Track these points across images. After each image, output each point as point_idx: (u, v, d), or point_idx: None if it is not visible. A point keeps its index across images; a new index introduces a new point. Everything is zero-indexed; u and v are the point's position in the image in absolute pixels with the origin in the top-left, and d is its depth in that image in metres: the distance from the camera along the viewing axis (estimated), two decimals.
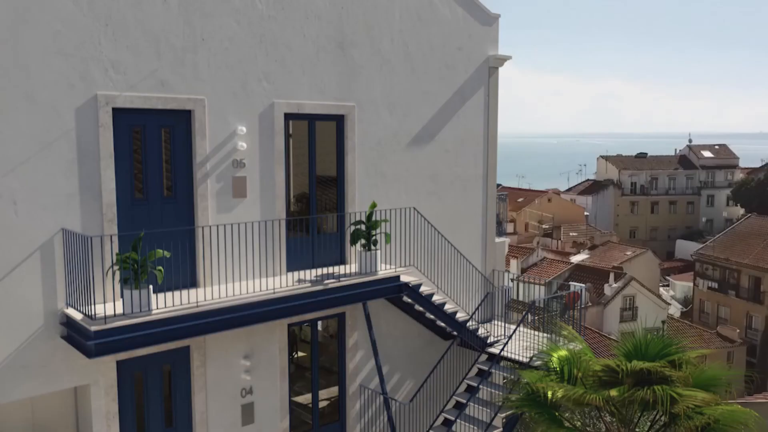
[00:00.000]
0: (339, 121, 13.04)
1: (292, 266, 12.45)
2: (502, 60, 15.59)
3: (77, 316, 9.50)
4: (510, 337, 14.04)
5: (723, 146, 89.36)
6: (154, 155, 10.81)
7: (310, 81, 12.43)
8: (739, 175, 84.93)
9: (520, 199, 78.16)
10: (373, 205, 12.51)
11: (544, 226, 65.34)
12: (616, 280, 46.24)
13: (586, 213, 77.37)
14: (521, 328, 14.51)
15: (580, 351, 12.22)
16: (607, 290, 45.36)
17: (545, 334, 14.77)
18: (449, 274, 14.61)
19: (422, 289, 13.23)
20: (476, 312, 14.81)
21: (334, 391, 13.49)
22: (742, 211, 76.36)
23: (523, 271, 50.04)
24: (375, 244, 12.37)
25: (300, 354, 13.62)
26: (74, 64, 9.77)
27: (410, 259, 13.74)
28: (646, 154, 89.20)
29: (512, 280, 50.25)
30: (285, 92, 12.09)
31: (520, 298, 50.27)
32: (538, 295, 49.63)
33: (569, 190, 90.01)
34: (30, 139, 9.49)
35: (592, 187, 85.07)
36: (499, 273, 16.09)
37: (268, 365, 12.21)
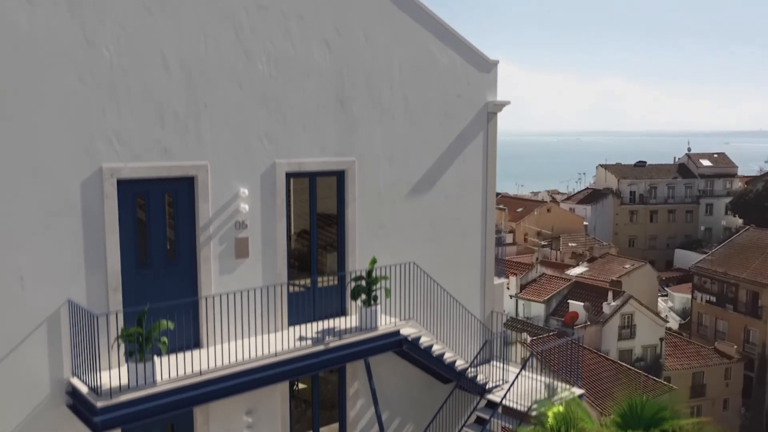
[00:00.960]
0: (339, 175, 13.20)
1: (293, 320, 12.59)
2: (501, 105, 15.75)
3: (83, 388, 9.66)
4: (508, 390, 14.19)
5: (722, 155, 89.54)
6: (157, 221, 10.98)
7: (310, 138, 12.60)
8: (737, 184, 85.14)
9: (519, 209, 78.35)
10: (373, 261, 12.67)
11: (542, 243, 65.45)
12: (614, 298, 46.37)
13: (585, 223, 77.51)
14: (518, 369, 14.68)
15: (576, 406, 12.37)
16: (606, 309, 45.52)
17: (544, 378, 14.93)
18: (448, 321, 14.76)
19: (422, 340, 13.38)
20: (475, 359, 14.95)
21: None
22: (741, 221, 76.56)
23: (522, 287, 50.24)
24: (375, 300, 12.53)
25: (300, 386, 13.70)
26: (79, 138, 9.94)
27: (410, 310, 13.88)
28: (645, 162, 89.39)
29: (511, 297, 50.43)
30: (286, 151, 12.26)
31: (520, 315, 50.53)
32: (537, 312, 49.38)
33: (568, 198, 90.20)
34: (36, 213, 9.67)
35: (592, 196, 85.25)
36: (498, 315, 16.25)
37: (270, 418, 12.36)
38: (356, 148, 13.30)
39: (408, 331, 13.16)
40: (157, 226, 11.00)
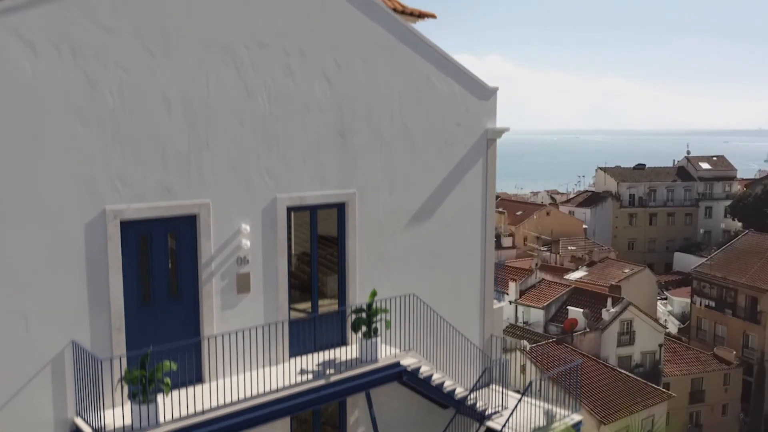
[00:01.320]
0: (340, 207, 13.32)
1: (294, 351, 12.71)
2: (500, 132, 15.86)
3: (87, 429, 9.79)
4: (507, 419, 14.32)
5: (721, 157, 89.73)
6: (160, 259, 11.11)
7: (311, 171, 12.71)
8: (736, 187, 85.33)
9: (519, 212, 78.55)
10: (374, 293, 12.79)
11: (542, 250, 65.59)
12: (613, 304, 46.52)
13: (584, 226, 77.68)
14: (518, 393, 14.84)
15: None
16: (605, 315, 45.66)
17: (543, 404, 15.07)
18: (448, 348, 14.87)
19: (422, 369, 13.50)
20: (474, 387, 15.05)
21: None
22: (740, 224, 76.73)
23: (522, 293, 50.37)
24: (376, 333, 12.65)
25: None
26: (83, 180, 10.06)
27: (410, 340, 13.97)
28: (644, 165, 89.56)
29: (510, 302, 50.53)
30: (287, 185, 12.37)
31: (519, 320, 50.62)
32: (536, 318, 49.48)
33: (567, 201, 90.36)
34: (41, 255, 9.78)
35: (591, 199, 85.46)
36: (497, 339, 16.37)
37: None
38: (357, 179, 13.41)
39: (408, 361, 13.28)
40: (160, 264, 11.12)
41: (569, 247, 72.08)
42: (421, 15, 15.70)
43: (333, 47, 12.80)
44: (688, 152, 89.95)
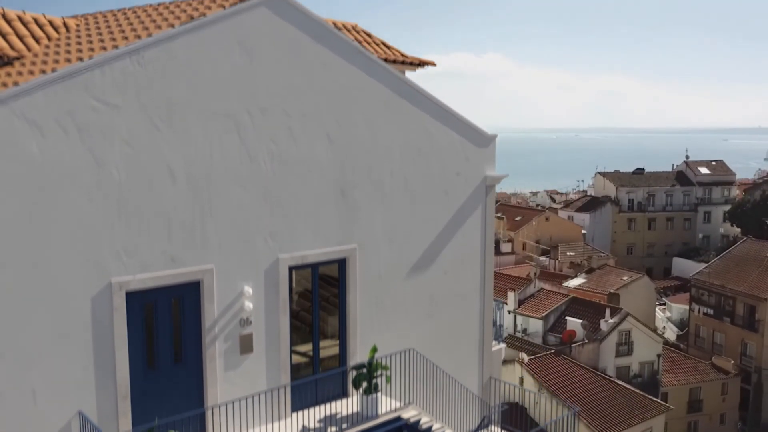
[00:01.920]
0: (341, 263, 13.51)
1: (296, 406, 12.91)
2: (499, 179, 16.06)
3: None
4: None
5: (720, 162, 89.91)
6: (164, 326, 11.31)
7: (313, 229, 12.90)
8: (735, 191, 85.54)
9: (518, 218, 78.74)
10: (374, 350, 12.98)
11: (541, 259, 65.83)
12: (612, 314, 46.75)
13: (583, 231, 77.89)
14: None
15: None
16: (603, 326, 45.89)
17: None
18: (448, 397, 15.06)
19: (422, 421, 13.70)
20: None
21: None
22: (738, 229, 76.98)
23: (520, 303, 50.60)
24: (376, 388, 12.86)
25: None
26: (89, 255, 10.25)
27: (410, 392, 14.13)
28: (644, 170, 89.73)
29: (509, 312, 50.77)
30: (289, 245, 12.56)
31: (518, 327, 50.84)
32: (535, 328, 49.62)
33: (567, 206, 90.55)
34: (48, 329, 9.98)
35: (590, 204, 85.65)
36: (496, 381, 16.58)
37: None
38: (357, 234, 13.60)
39: (408, 414, 13.48)
40: (164, 331, 11.33)
41: (568, 253, 72.36)
42: (421, 63, 15.88)
43: (334, 107, 12.98)
44: (687, 156, 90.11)
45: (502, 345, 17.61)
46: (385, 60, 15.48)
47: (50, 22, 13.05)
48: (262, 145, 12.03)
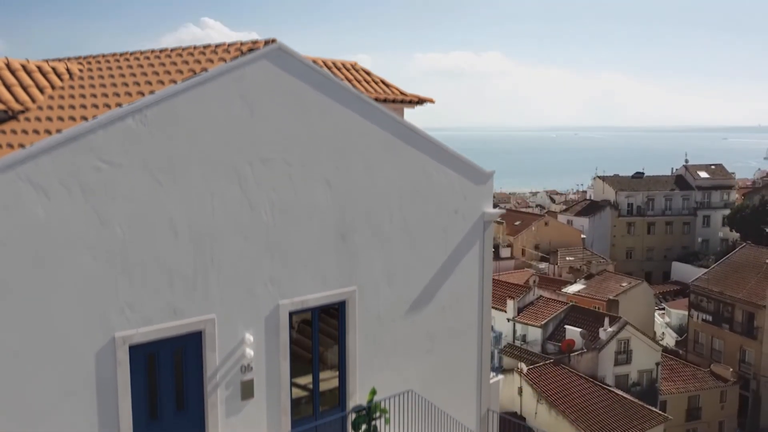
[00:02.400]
0: (341, 305, 13.72)
1: None
2: (496, 215, 16.27)
3: None
4: None
5: (719, 166, 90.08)
6: (167, 377, 11.51)
7: (313, 274, 13.09)
8: (734, 196, 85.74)
9: (517, 222, 78.96)
10: (373, 392, 13.21)
11: (540, 267, 66.06)
12: (611, 323, 47.02)
13: (582, 236, 78.12)
14: None
15: None
16: (602, 334, 46.14)
17: None
18: None
19: None
20: None
21: None
22: (738, 234, 77.18)
23: (519, 311, 50.85)
24: (375, 430, 13.07)
25: None
26: (93, 312, 10.44)
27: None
28: (643, 173, 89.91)
29: (508, 320, 50.96)
30: (289, 291, 12.75)
31: (516, 335, 51.03)
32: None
33: (567, 209, 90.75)
34: (53, 386, 10.18)
35: (589, 208, 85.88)
36: (493, 414, 16.80)
37: None
38: (357, 277, 13.80)
39: None
40: (167, 381, 11.52)
41: (567, 258, 72.64)
42: (421, 101, 16.06)
43: (333, 152, 13.16)
44: (687, 160, 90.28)
45: (500, 377, 17.82)
46: (384, 99, 15.67)
47: (54, 69, 13.23)
48: (263, 194, 12.22)
